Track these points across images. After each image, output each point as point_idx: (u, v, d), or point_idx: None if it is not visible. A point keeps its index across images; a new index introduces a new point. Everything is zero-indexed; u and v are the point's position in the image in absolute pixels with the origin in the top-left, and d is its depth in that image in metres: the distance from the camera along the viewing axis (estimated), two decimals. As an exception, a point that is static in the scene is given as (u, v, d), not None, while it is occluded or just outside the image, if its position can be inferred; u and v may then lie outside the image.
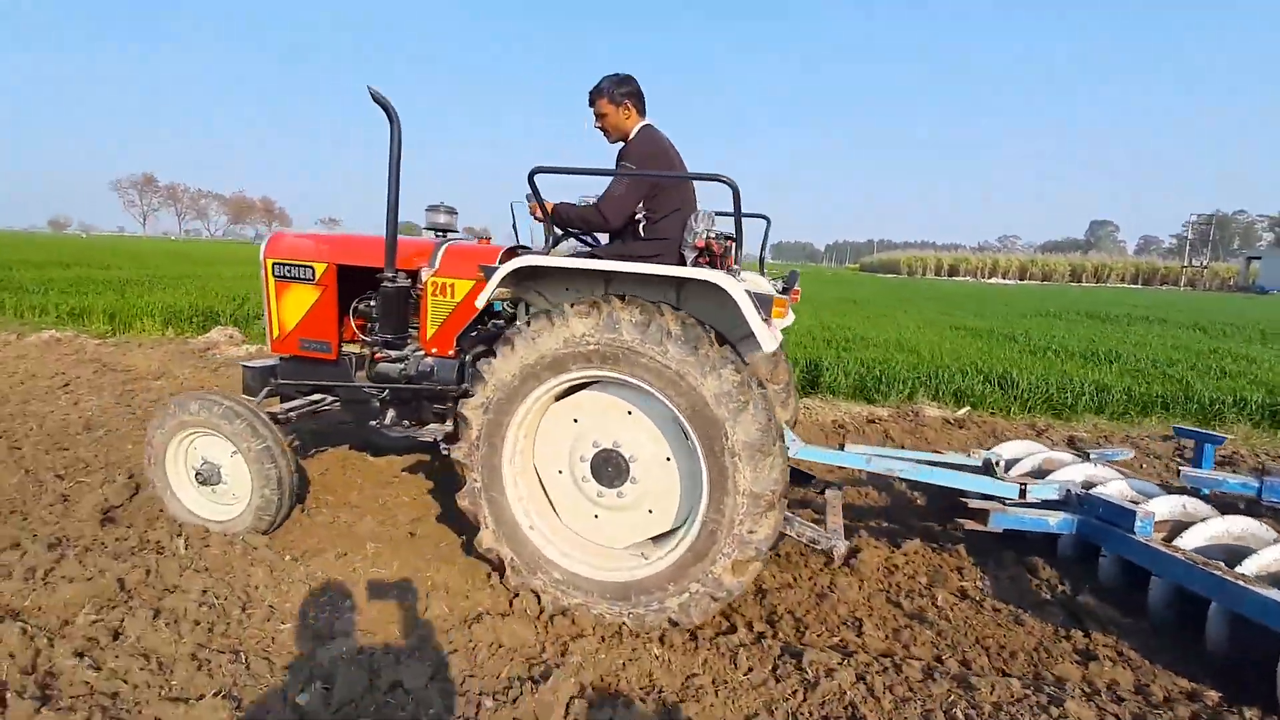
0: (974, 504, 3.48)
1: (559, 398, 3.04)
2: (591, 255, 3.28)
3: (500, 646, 2.64)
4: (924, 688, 2.49)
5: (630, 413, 2.93)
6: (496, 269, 2.93)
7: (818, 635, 2.91)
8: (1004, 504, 3.49)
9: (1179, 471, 3.98)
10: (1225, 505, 3.89)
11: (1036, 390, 7.11)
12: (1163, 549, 3.00)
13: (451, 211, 3.84)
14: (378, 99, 3.19)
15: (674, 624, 2.79)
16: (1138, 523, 3.11)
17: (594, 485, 2.98)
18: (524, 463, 3.08)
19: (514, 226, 3.91)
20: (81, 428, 5.14)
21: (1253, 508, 3.85)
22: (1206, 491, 3.83)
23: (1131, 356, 9.58)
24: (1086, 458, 4.09)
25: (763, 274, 3.26)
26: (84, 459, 4.50)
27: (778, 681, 2.52)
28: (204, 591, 2.81)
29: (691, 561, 2.75)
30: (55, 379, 6.56)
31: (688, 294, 2.95)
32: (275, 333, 3.86)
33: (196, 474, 3.44)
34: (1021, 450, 4.19)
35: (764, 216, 3.03)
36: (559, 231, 3.38)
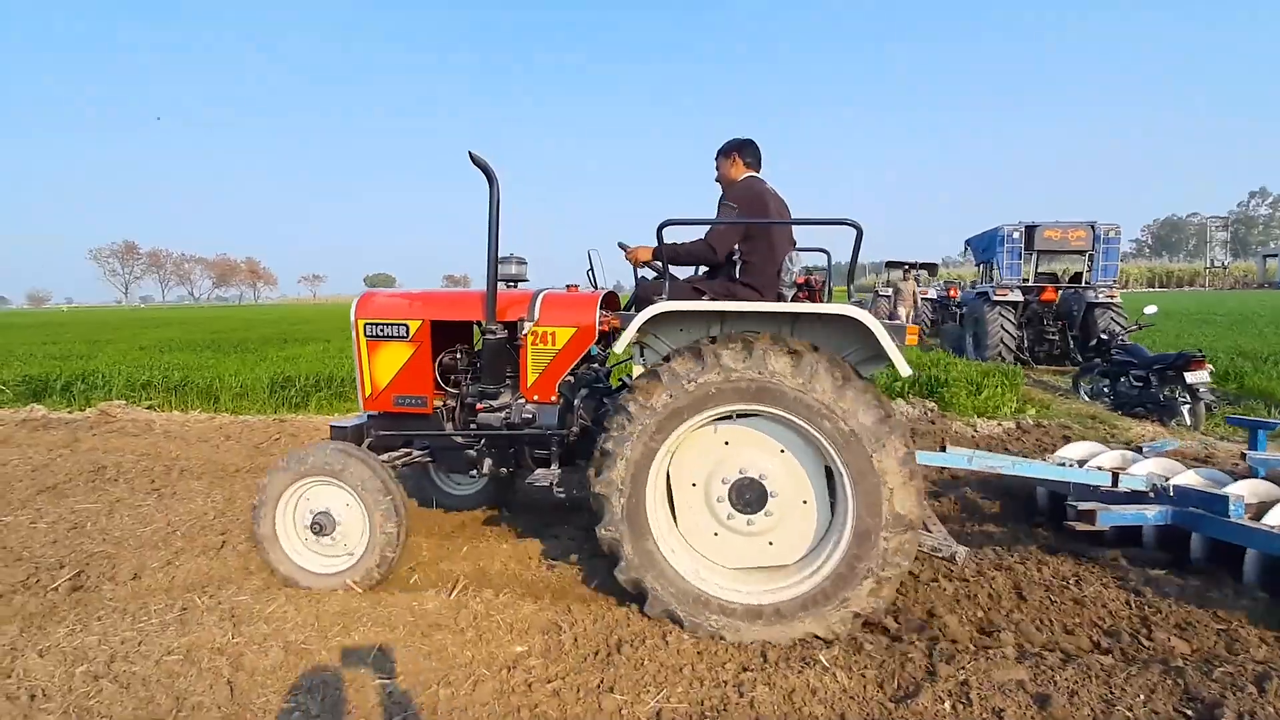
0: (1082, 506, 3.72)
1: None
2: (698, 297, 3.44)
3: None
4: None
5: (781, 450, 3.02)
6: (634, 315, 3.10)
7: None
8: (1105, 502, 3.74)
9: (1243, 455, 4.29)
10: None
11: None
12: (1260, 528, 3.25)
13: (522, 262, 3.99)
14: (477, 162, 3.37)
15: (818, 638, 2.90)
16: (1231, 506, 3.36)
17: (732, 511, 3.03)
18: (663, 492, 3.13)
19: (590, 272, 4.12)
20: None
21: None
22: (1263, 472, 4.00)
23: None
24: (1139, 452, 4.37)
25: (850, 288, 3.72)
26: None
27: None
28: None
29: (835, 584, 2.86)
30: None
31: (803, 328, 3.11)
32: (368, 391, 3.93)
33: (310, 525, 3.42)
34: (1087, 451, 4.43)
35: (854, 224, 2.92)
36: (648, 273, 3.73)
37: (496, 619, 3.04)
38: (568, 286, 4.06)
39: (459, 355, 3.97)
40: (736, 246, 3.51)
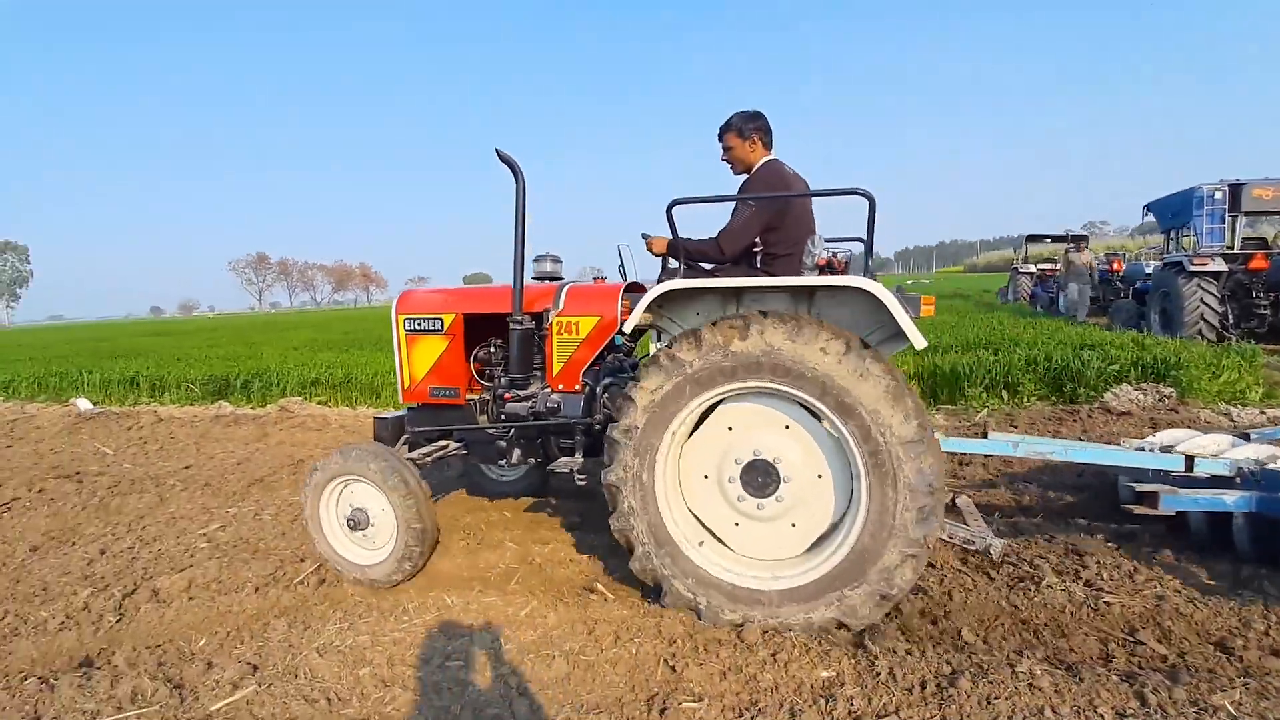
0: (1143, 488, 3.25)
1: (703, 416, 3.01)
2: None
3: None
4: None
5: (786, 425, 2.90)
6: (642, 295, 3.05)
7: None
8: (1174, 485, 3.33)
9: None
10: None
11: None
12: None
13: (557, 260, 4.06)
14: (504, 158, 3.45)
15: (843, 626, 2.72)
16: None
17: (746, 496, 2.91)
18: (675, 481, 3.05)
19: (620, 267, 4.05)
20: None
21: None
22: None
23: None
24: (1247, 438, 3.87)
25: (867, 263, 3.24)
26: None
27: None
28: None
29: (856, 563, 2.68)
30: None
31: (820, 306, 2.97)
32: (406, 383, 4.09)
33: (347, 520, 3.54)
34: (1180, 436, 3.88)
35: (866, 194, 2.80)
36: (674, 264, 3.47)
37: (787, 636, 2.71)
38: (595, 279, 4.06)
39: (493, 349, 4.00)
40: (757, 239, 3.37)
